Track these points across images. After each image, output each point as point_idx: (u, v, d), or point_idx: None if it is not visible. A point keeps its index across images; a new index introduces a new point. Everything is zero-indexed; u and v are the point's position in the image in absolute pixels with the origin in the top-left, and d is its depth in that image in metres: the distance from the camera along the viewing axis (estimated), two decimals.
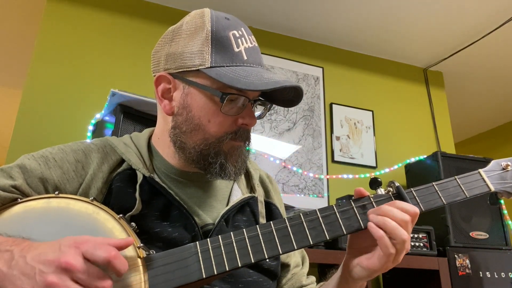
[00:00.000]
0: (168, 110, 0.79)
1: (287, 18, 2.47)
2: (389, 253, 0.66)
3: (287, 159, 2.34)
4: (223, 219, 0.78)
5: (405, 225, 0.66)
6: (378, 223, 0.67)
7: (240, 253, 0.66)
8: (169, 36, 0.80)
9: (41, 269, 0.55)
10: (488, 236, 2.02)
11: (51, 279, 0.53)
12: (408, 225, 0.66)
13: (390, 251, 0.66)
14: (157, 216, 0.75)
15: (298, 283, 0.91)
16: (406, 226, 0.66)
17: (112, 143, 0.83)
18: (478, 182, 0.76)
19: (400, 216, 0.66)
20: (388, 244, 0.66)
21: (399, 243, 0.65)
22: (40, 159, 0.76)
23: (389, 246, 0.66)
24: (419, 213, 0.68)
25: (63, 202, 0.69)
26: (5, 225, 0.67)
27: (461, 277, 1.87)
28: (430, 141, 2.77)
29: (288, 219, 0.69)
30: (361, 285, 0.75)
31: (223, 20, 0.77)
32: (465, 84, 3.12)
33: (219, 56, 0.74)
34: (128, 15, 2.26)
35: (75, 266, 0.54)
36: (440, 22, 2.47)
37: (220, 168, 0.76)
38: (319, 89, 2.58)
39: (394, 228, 0.65)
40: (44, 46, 2.03)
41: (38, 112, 1.92)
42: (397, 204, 0.68)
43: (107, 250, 0.56)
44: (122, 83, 2.08)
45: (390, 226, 0.66)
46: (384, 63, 2.85)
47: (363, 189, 0.73)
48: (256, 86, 0.70)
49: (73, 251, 0.55)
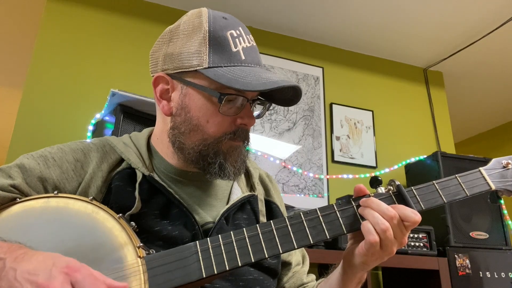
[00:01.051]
0: (166, 111, 0.79)
1: (287, 18, 2.47)
2: (370, 240, 0.66)
3: (287, 159, 2.34)
4: (223, 218, 0.78)
5: (389, 219, 0.66)
6: (362, 212, 0.69)
7: (240, 252, 0.65)
8: (166, 36, 0.80)
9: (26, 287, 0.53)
10: (488, 236, 2.02)
11: None
12: (393, 220, 0.66)
13: (369, 237, 0.66)
14: (157, 215, 0.75)
15: (299, 281, 0.91)
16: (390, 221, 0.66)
17: (111, 142, 0.83)
18: (478, 181, 0.75)
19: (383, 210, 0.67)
20: (370, 229, 0.66)
21: (380, 232, 0.66)
22: (39, 158, 0.76)
23: (371, 231, 0.66)
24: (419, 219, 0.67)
25: (62, 201, 0.69)
26: (4, 224, 0.67)
27: (461, 277, 1.87)
28: (430, 141, 2.77)
29: (288, 218, 0.69)
30: (360, 277, 0.75)
31: (220, 19, 0.77)
32: (465, 84, 3.12)
33: (217, 56, 0.74)
34: (128, 15, 2.26)
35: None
36: (440, 22, 2.46)
37: (219, 168, 0.76)
38: (319, 89, 2.58)
39: (374, 216, 0.67)
40: (44, 46, 2.03)
41: (38, 112, 1.92)
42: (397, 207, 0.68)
43: (98, 284, 0.54)
44: (122, 83, 2.07)
45: (371, 214, 0.67)
46: (384, 63, 2.84)
47: (363, 186, 0.73)
48: (254, 87, 0.70)
49: (63, 278, 0.53)
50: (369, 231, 0.66)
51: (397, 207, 0.69)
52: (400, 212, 0.67)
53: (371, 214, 0.67)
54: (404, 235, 0.68)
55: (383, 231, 0.65)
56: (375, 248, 0.67)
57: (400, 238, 0.68)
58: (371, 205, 0.68)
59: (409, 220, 0.67)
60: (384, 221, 0.66)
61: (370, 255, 0.68)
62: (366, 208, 0.69)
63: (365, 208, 0.69)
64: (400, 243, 0.69)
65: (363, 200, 0.70)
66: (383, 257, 0.69)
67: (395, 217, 0.67)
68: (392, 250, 0.68)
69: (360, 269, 0.73)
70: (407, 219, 0.67)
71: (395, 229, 0.67)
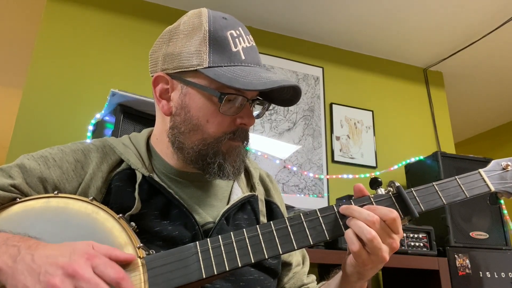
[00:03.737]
0: (166, 111, 0.79)
1: (287, 18, 2.47)
2: (353, 249, 0.65)
3: (287, 159, 2.34)
4: (223, 218, 0.78)
5: (372, 224, 0.65)
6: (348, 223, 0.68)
7: (240, 253, 0.65)
8: (166, 36, 0.80)
9: (47, 270, 0.54)
10: (488, 236, 2.02)
11: (54, 282, 0.53)
12: (375, 225, 0.65)
13: (351, 247, 0.66)
14: (157, 215, 0.75)
15: (299, 282, 0.91)
16: (373, 226, 0.65)
17: (111, 143, 0.83)
18: (478, 182, 0.75)
19: (365, 216, 0.66)
20: (351, 238, 0.66)
21: (367, 241, 0.65)
22: (40, 159, 0.76)
23: (352, 240, 0.66)
24: (395, 216, 0.66)
25: (62, 201, 0.69)
26: (4, 224, 0.67)
27: (461, 277, 1.87)
28: (430, 141, 2.77)
29: (288, 219, 0.69)
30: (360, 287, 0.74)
31: (220, 19, 0.77)
32: (465, 84, 3.12)
33: (217, 56, 0.74)
34: (128, 15, 2.26)
35: (82, 275, 0.54)
36: (440, 22, 2.46)
37: (219, 168, 0.76)
38: (319, 89, 2.58)
39: (359, 226, 0.65)
40: (44, 46, 2.03)
41: (38, 112, 1.92)
42: (372, 207, 0.68)
43: (118, 271, 0.56)
44: (122, 83, 2.07)
45: (356, 224, 0.66)
46: (384, 63, 2.85)
47: (362, 186, 0.73)
48: (254, 86, 0.70)
49: (84, 262, 0.55)
50: (351, 240, 0.66)
51: (376, 209, 0.67)
52: (379, 213, 0.66)
53: (356, 224, 0.66)
54: (392, 238, 0.67)
55: (370, 240, 0.64)
56: (361, 257, 0.66)
57: (390, 243, 0.66)
58: (353, 214, 0.67)
59: (386, 218, 0.66)
60: (370, 229, 0.65)
61: (361, 265, 0.67)
62: (350, 218, 0.68)
63: (350, 219, 0.68)
64: (392, 248, 0.67)
65: (343, 208, 0.69)
66: (376, 265, 0.68)
67: (377, 221, 0.65)
68: (384, 256, 0.66)
69: (356, 279, 0.72)
70: (384, 217, 0.66)
71: (381, 234, 0.65)
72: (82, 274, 0.54)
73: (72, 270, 0.54)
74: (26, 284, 0.54)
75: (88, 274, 0.54)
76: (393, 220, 0.66)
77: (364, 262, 0.66)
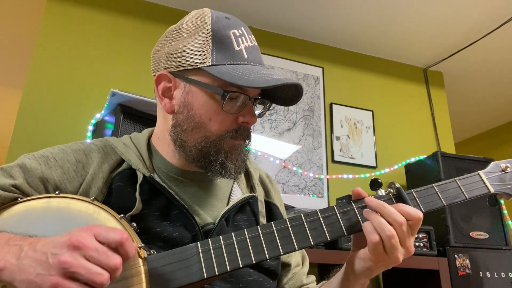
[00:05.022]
0: (168, 109, 0.79)
1: (287, 18, 2.47)
2: (372, 240, 0.65)
3: (287, 159, 2.35)
4: (223, 219, 0.78)
5: (398, 226, 0.65)
6: (367, 215, 0.68)
7: (241, 253, 0.66)
8: (169, 35, 0.81)
9: (52, 251, 0.55)
10: (488, 236, 2.02)
11: (64, 259, 0.53)
12: (402, 227, 0.65)
13: (371, 237, 0.65)
14: (157, 216, 0.75)
15: (298, 282, 0.91)
16: (398, 227, 0.65)
17: (111, 143, 0.83)
18: (477, 184, 0.76)
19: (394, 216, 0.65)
20: (371, 230, 0.65)
21: (385, 239, 0.65)
22: (41, 158, 0.76)
23: (373, 231, 0.65)
24: (422, 217, 0.67)
25: (63, 201, 0.69)
26: (5, 224, 0.67)
27: (461, 277, 1.87)
28: (430, 141, 2.77)
29: (289, 220, 0.69)
30: (362, 284, 0.74)
31: (223, 19, 0.78)
32: (465, 84, 3.12)
33: (220, 55, 0.74)
34: (128, 15, 2.26)
35: (86, 243, 0.54)
36: (440, 22, 2.47)
37: (221, 166, 0.76)
38: (319, 89, 2.58)
39: (380, 222, 0.65)
40: (44, 46, 2.03)
41: (38, 112, 1.92)
42: (399, 207, 0.68)
43: (120, 232, 0.57)
44: (122, 83, 2.07)
45: (376, 219, 0.66)
46: (384, 63, 2.85)
47: (360, 189, 0.73)
48: (257, 83, 0.71)
49: (84, 232, 0.56)
50: (371, 231, 0.65)
51: (403, 207, 0.67)
52: (405, 212, 0.66)
53: (376, 218, 0.66)
54: (411, 241, 0.67)
55: (389, 237, 0.64)
56: (379, 249, 0.65)
57: (408, 246, 0.67)
58: (383, 210, 0.67)
59: (412, 218, 0.66)
60: (390, 227, 0.65)
61: (375, 259, 0.67)
62: (371, 212, 0.68)
63: (370, 212, 0.68)
64: (408, 252, 0.67)
65: (372, 201, 0.69)
66: (388, 264, 0.68)
67: (404, 223, 0.65)
68: (398, 257, 0.66)
69: (364, 276, 0.71)
70: (410, 217, 0.66)
71: (402, 234, 0.65)
72: (87, 244, 0.54)
73: (77, 242, 0.54)
74: (39, 272, 0.54)
75: (93, 242, 0.55)
76: (418, 220, 0.66)
77: (379, 257, 0.66)
